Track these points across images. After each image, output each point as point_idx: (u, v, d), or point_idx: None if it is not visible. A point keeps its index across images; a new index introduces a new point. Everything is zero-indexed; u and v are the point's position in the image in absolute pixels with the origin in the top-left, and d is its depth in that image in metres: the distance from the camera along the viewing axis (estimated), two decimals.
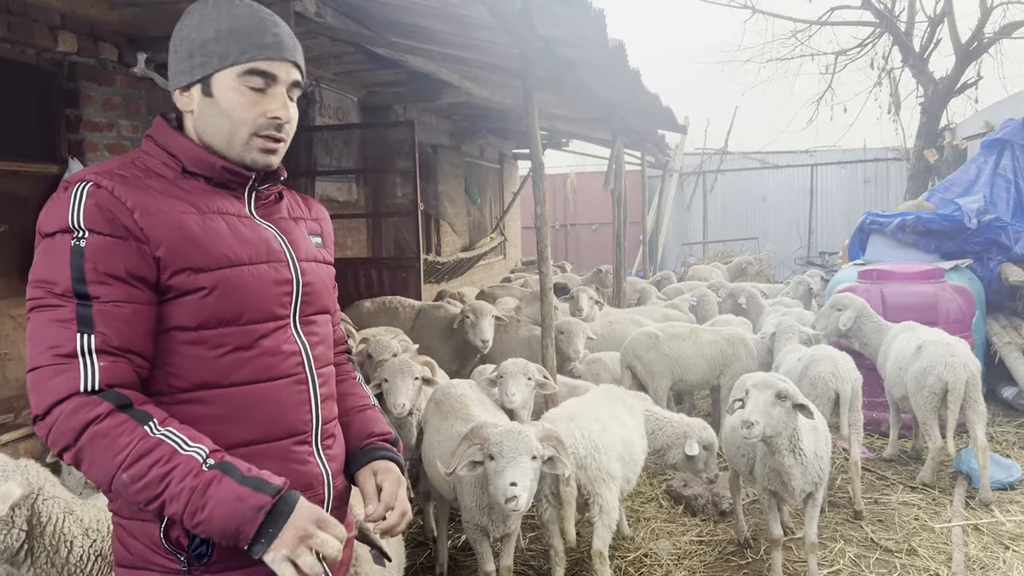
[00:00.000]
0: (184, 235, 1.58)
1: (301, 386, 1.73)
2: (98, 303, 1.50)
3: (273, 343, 1.68)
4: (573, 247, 20.87)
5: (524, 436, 3.31)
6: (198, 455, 1.49)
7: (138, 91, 5.60)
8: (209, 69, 1.66)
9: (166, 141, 1.70)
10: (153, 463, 1.46)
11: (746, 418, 3.66)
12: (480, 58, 6.19)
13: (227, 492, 1.46)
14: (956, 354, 5.26)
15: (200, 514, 1.45)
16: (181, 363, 1.60)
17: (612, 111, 8.72)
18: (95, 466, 1.48)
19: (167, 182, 1.65)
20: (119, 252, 1.53)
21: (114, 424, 1.47)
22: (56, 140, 5.11)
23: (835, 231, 18.19)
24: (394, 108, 9.38)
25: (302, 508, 1.52)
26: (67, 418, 1.46)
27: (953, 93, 12.36)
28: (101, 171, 1.59)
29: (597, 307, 7.93)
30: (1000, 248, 7.89)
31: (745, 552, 4.66)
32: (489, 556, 3.85)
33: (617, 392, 4.76)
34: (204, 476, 1.47)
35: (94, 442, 1.46)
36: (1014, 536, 4.71)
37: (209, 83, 1.67)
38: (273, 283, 1.69)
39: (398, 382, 4.32)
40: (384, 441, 1.92)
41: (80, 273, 1.50)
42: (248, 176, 1.72)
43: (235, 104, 1.66)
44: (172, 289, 1.58)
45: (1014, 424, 6.89)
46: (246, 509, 1.46)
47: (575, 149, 14.99)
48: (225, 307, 1.61)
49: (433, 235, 11.33)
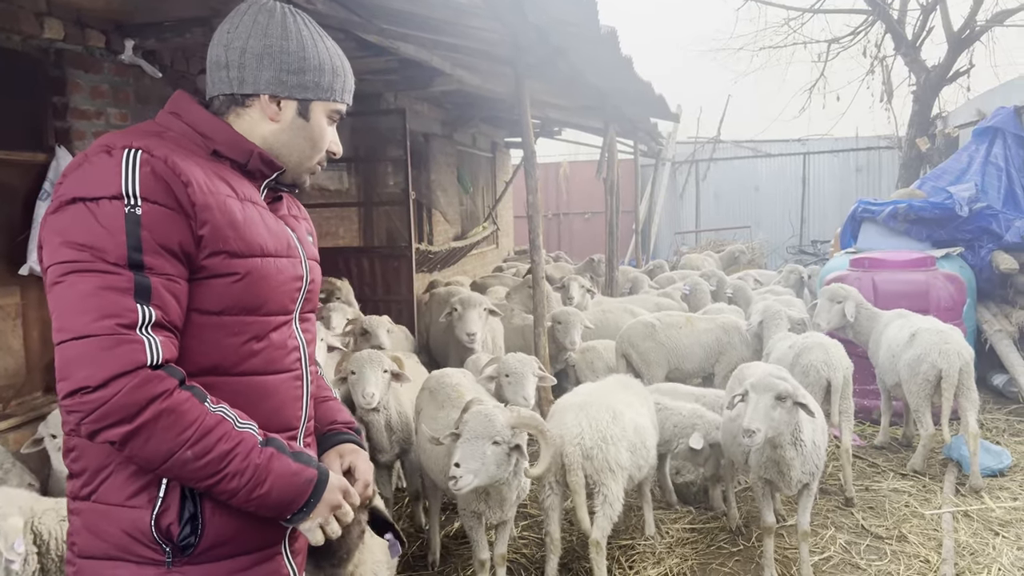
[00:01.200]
0: (228, 218, 1.59)
1: (298, 382, 1.77)
2: (153, 275, 1.47)
3: (280, 337, 1.71)
4: (566, 236, 20.84)
5: (489, 420, 3.32)
6: (252, 431, 1.56)
7: (126, 79, 5.54)
8: (311, 96, 1.75)
9: (196, 120, 1.69)
10: (219, 439, 1.50)
11: (747, 427, 3.63)
12: (472, 45, 6.15)
13: (286, 467, 1.57)
14: (950, 341, 5.28)
15: (260, 488, 1.53)
16: (195, 346, 1.58)
17: (604, 99, 8.69)
18: (154, 442, 1.45)
19: (206, 162, 1.64)
20: (175, 225, 1.51)
21: (181, 400, 1.47)
22: (43, 128, 5.05)
23: (827, 219, 18.22)
24: (385, 96, 9.30)
25: (334, 479, 1.66)
26: (132, 391, 1.42)
27: (945, 81, 12.36)
28: (142, 138, 1.56)
29: (589, 296, 7.92)
30: (991, 236, 7.91)
31: (737, 540, 4.68)
32: (484, 544, 3.86)
33: (629, 381, 4.76)
34: (265, 452, 1.55)
35: (160, 418, 1.44)
36: (1004, 522, 4.74)
37: (308, 108, 1.76)
38: (292, 278, 1.74)
39: (367, 372, 4.20)
40: (348, 428, 1.98)
41: (137, 242, 1.46)
42: (275, 169, 1.77)
43: (323, 134, 1.80)
44: (205, 270, 1.56)
45: (1004, 411, 6.93)
46: (301, 482, 1.58)
47: (568, 138, 14.95)
48: (250, 296, 1.62)
49: (425, 224, 11.29)
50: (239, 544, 1.63)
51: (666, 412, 4.72)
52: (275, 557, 1.73)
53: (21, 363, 4.83)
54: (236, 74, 1.70)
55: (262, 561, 1.69)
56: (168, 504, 1.56)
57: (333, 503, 1.64)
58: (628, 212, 17.02)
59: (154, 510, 1.55)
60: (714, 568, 4.37)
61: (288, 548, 1.78)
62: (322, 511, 1.63)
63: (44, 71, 5.04)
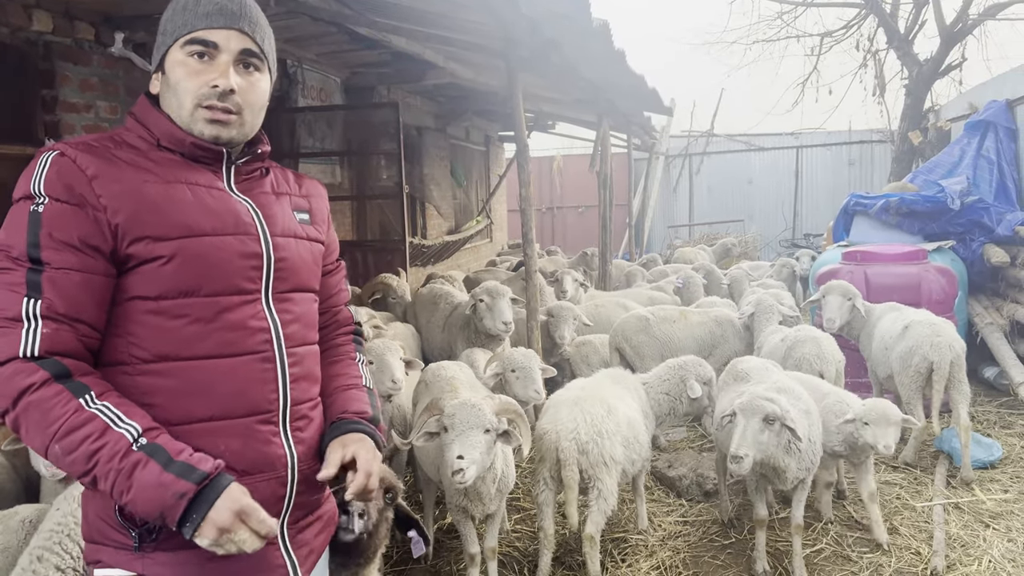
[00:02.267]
0: (143, 203, 1.58)
1: (267, 364, 1.70)
2: (49, 269, 1.50)
3: (238, 317, 1.66)
4: (560, 230, 20.84)
5: (477, 409, 3.31)
6: (129, 434, 1.49)
7: (116, 71, 5.50)
8: (163, 48, 1.71)
9: (145, 117, 1.72)
10: (84, 438, 1.47)
11: (735, 452, 3.60)
12: (464, 38, 6.13)
13: (151, 477, 1.47)
14: (942, 334, 5.29)
15: (126, 495, 1.47)
16: (142, 333, 1.59)
17: (598, 93, 8.67)
18: (30, 434, 1.48)
19: (137, 153, 1.66)
20: (74, 220, 1.53)
21: (49, 395, 1.47)
22: (32, 121, 5.02)
23: (820, 213, 18.26)
24: (378, 89, 9.28)
25: (227, 498, 1.51)
26: (4, 382, 1.46)
27: (937, 75, 12.37)
28: (72, 141, 1.62)
29: (582, 289, 7.92)
30: (983, 229, 7.93)
31: (729, 532, 4.69)
32: (474, 537, 3.86)
33: (620, 374, 4.75)
34: (130, 458, 1.47)
35: (28, 411, 1.46)
36: (994, 514, 4.77)
37: (163, 62, 1.71)
38: (239, 255, 1.67)
39: (389, 359, 4.20)
40: (359, 418, 1.89)
41: (35, 238, 1.50)
42: (219, 151, 1.71)
43: (179, 76, 1.67)
44: (132, 258, 1.58)
45: (995, 404, 6.96)
46: (168, 496, 1.47)
47: (561, 131, 14.93)
48: (185, 277, 1.60)
49: (419, 218, 11.27)
50: None
51: (655, 384, 4.61)
52: (265, 547, 1.65)
53: None
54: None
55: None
56: None
57: (219, 524, 1.48)
58: (621, 206, 17.04)
59: None
60: (706, 560, 4.38)
61: (287, 539, 1.73)
62: (207, 533, 1.48)
63: (33, 64, 5.00)
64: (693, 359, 4.71)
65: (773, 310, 6.14)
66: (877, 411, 4.14)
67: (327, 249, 1.97)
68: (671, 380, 4.62)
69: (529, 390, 4.37)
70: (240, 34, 1.70)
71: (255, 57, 1.73)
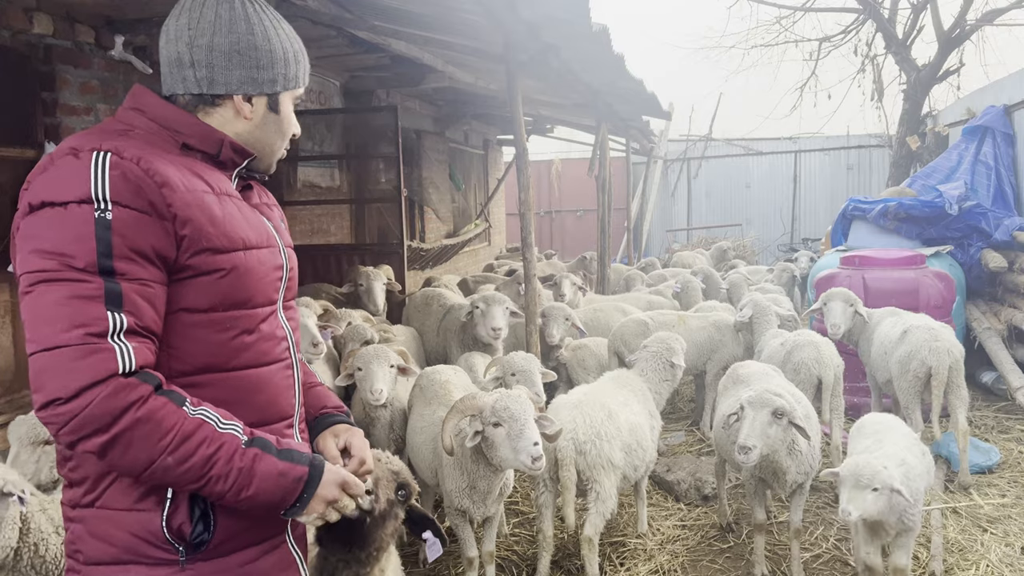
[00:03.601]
0: (208, 215, 1.57)
1: (288, 371, 1.77)
2: (125, 281, 1.44)
3: (269, 328, 1.71)
4: (558, 234, 20.84)
5: (524, 400, 3.37)
6: (236, 432, 1.53)
7: (116, 75, 5.51)
8: (279, 88, 1.75)
9: (162, 115, 1.65)
10: (199, 444, 1.47)
11: (743, 443, 3.60)
12: (463, 42, 6.14)
13: (271, 468, 1.53)
14: (940, 339, 5.30)
15: (247, 491, 1.51)
16: (186, 346, 1.57)
17: (596, 97, 8.69)
18: (133, 450, 1.43)
19: (178, 158, 1.61)
20: (147, 228, 1.47)
21: (157, 407, 1.44)
22: (32, 124, 5.02)
23: (818, 217, 18.28)
24: (377, 93, 9.29)
25: (328, 474, 1.63)
26: (105, 401, 1.39)
27: (935, 80, 12.40)
28: (121, 142, 1.52)
29: (580, 293, 7.92)
30: (980, 234, 7.95)
31: (727, 536, 4.69)
32: (472, 541, 3.86)
33: (624, 377, 4.77)
34: (248, 454, 1.52)
35: (137, 426, 1.42)
36: (992, 519, 4.77)
37: (277, 100, 1.76)
38: (273, 268, 1.73)
39: (374, 368, 4.18)
40: (339, 411, 1.97)
41: (107, 248, 1.42)
42: (246, 156, 1.75)
43: (291, 122, 1.81)
44: (189, 269, 1.54)
45: (993, 409, 6.97)
46: (288, 482, 1.55)
47: (560, 135, 14.95)
48: (237, 290, 1.62)
49: (417, 221, 11.27)
50: (248, 536, 1.66)
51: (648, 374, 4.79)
52: (281, 546, 1.75)
53: (11, 360, 4.81)
54: (205, 74, 1.66)
55: (270, 550, 1.71)
56: (177, 504, 1.57)
57: (328, 498, 1.62)
58: (620, 210, 17.06)
59: (164, 511, 1.56)
60: (704, 565, 4.39)
61: (292, 535, 1.79)
62: (316, 507, 1.61)
63: (33, 66, 5.01)
64: (664, 345, 4.85)
65: (769, 311, 6.15)
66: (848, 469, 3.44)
67: None
68: (661, 368, 4.78)
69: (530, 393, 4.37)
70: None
71: None
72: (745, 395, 3.81)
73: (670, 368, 4.80)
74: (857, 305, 6.00)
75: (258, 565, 1.67)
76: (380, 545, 1.94)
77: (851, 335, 6.17)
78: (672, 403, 7.58)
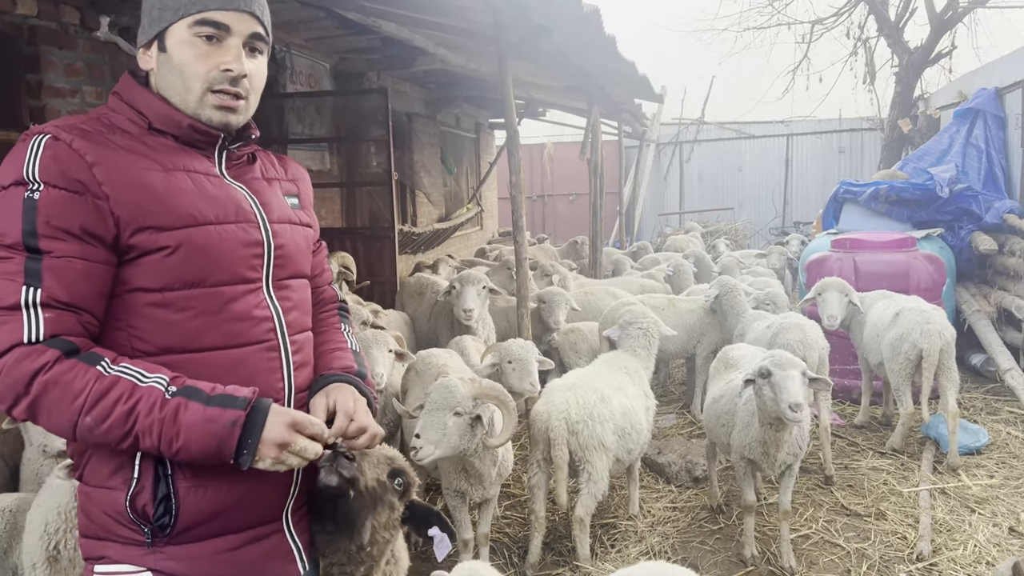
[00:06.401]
0: (146, 192, 1.53)
1: (272, 353, 1.68)
2: (49, 258, 1.45)
3: (243, 308, 1.63)
4: (550, 218, 20.80)
5: (450, 392, 3.34)
6: (159, 384, 1.47)
7: (102, 56, 5.43)
8: (164, 23, 1.62)
9: (132, 97, 1.65)
10: (115, 401, 1.43)
11: (796, 400, 3.52)
12: (454, 23, 6.08)
13: (196, 416, 1.45)
14: (932, 321, 5.32)
15: (176, 442, 1.45)
16: (146, 326, 1.55)
17: (588, 79, 8.64)
18: (54, 415, 1.44)
19: (132, 138, 1.59)
20: (74, 207, 1.47)
21: (64, 370, 1.43)
22: (17, 106, 4.95)
23: (810, 201, 18.30)
24: (367, 75, 9.20)
25: (275, 414, 1.52)
26: (11, 370, 1.41)
27: (927, 63, 12.39)
28: (63, 124, 1.54)
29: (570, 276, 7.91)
30: (971, 217, 7.97)
31: (717, 518, 4.72)
32: (468, 524, 3.88)
33: (617, 359, 4.77)
34: (170, 405, 1.45)
35: (47, 391, 1.42)
36: (980, 499, 4.81)
37: (164, 38, 1.62)
38: (241, 244, 1.63)
39: (374, 352, 4.17)
40: (343, 372, 1.84)
41: (32, 226, 1.44)
42: (216, 135, 1.67)
43: (187, 58, 1.61)
44: (133, 248, 1.52)
45: (982, 391, 7.01)
46: (220, 427, 1.46)
47: (552, 119, 14.87)
48: (190, 268, 1.55)
49: (408, 205, 11.22)
50: (224, 523, 1.60)
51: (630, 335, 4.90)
52: (272, 535, 1.68)
53: None
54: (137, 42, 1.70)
55: (256, 539, 1.65)
56: (143, 485, 1.54)
57: (277, 440, 1.50)
58: (612, 194, 17.01)
59: (129, 491, 1.54)
60: (695, 546, 4.41)
61: (292, 526, 1.72)
62: (267, 452, 1.49)
63: (17, 48, 4.93)
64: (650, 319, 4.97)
65: (738, 291, 6.19)
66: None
67: (313, 231, 1.94)
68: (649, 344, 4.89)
69: (524, 382, 4.35)
70: (251, 17, 1.65)
71: (262, 41, 1.69)
72: (764, 361, 3.73)
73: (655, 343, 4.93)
74: (852, 295, 6.02)
75: (241, 553, 1.61)
76: (373, 539, 1.76)
77: (843, 320, 6.19)
78: (663, 386, 7.61)
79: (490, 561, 4.07)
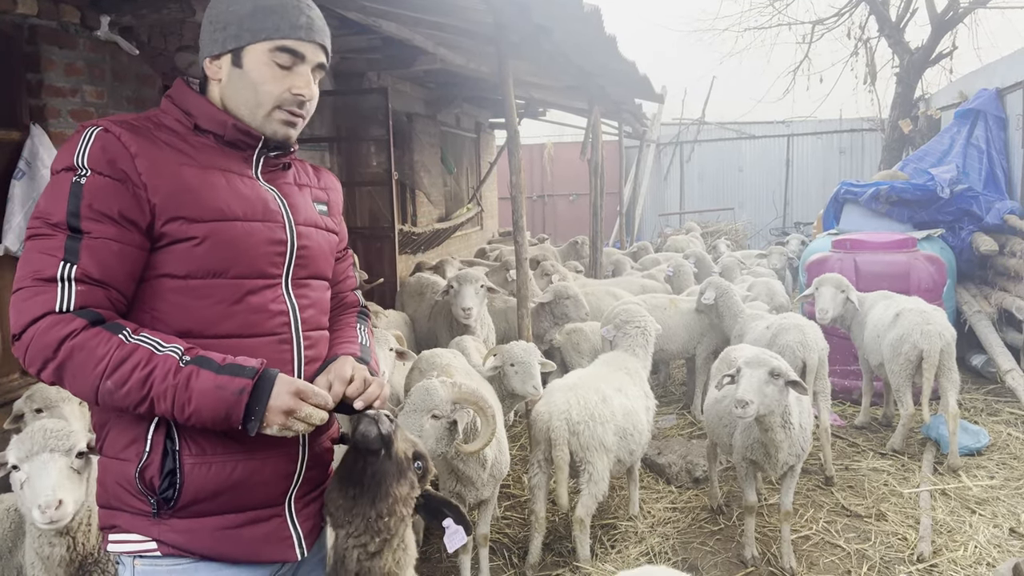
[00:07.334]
0: (181, 185, 1.65)
1: (285, 346, 1.77)
2: (88, 238, 1.57)
3: (260, 300, 1.73)
4: (551, 218, 20.79)
5: (429, 394, 3.29)
6: (174, 353, 1.57)
7: (102, 55, 5.43)
8: (242, 42, 1.74)
9: (183, 100, 1.78)
10: (134, 367, 1.54)
11: (740, 397, 3.61)
12: (454, 23, 6.08)
13: (207, 383, 1.55)
14: (932, 322, 5.31)
15: (188, 407, 1.55)
16: (167, 309, 1.66)
17: (589, 79, 8.63)
18: (78, 379, 1.55)
19: (176, 136, 1.73)
20: (115, 193, 1.60)
21: (89, 336, 1.54)
22: (17, 105, 4.94)
23: (810, 201, 18.29)
24: (367, 75, 9.20)
25: (281, 383, 1.61)
26: (42, 335, 1.53)
27: (928, 63, 12.38)
28: (115, 119, 1.68)
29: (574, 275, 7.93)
30: (972, 218, 7.97)
31: (718, 519, 4.71)
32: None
33: (617, 360, 4.76)
34: (183, 372, 1.55)
35: (73, 355, 1.53)
36: (980, 500, 4.80)
37: (240, 55, 1.75)
38: (266, 242, 1.75)
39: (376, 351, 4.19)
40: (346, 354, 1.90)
41: (76, 208, 1.57)
42: (258, 138, 1.78)
43: (264, 77, 1.74)
44: (165, 236, 1.64)
45: (982, 391, 7.01)
46: (228, 395, 1.56)
47: (552, 119, 14.86)
48: (215, 259, 1.66)
49: (408, 205, 11.21)
50: (226, 502, 1.68)
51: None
52: (272, 519, 1.75)
53: None
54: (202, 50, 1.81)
55: (256, 521, 1.72)
56: (152, 459, 1.64)
57: (284, 408, 1.59)
58: (613, 194, 17.00)
59: (140, 463, 1.64)
60: (695, 546, 4.41)
61: (294, 512, 1.78)
62: (274, 418, 1.59)
63: (18, 47, 4.93)
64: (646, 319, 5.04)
65: (732, 292, 6.23)
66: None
67: (339, 238, 2.04)
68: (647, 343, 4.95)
69: (527, 385, 4.33)
70: (321, 48, 1.80)
71: (323, 69, 1.84)
72: (742, 357, 3.84)
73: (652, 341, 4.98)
74: (849, 291, 6.00)
75: (240, 532, 1.69)
76: (392, 508, 1.75)
77: (843, 320, 6.18)
78: (663, 387, 7.61)
79: (490, 561, 4.07)
